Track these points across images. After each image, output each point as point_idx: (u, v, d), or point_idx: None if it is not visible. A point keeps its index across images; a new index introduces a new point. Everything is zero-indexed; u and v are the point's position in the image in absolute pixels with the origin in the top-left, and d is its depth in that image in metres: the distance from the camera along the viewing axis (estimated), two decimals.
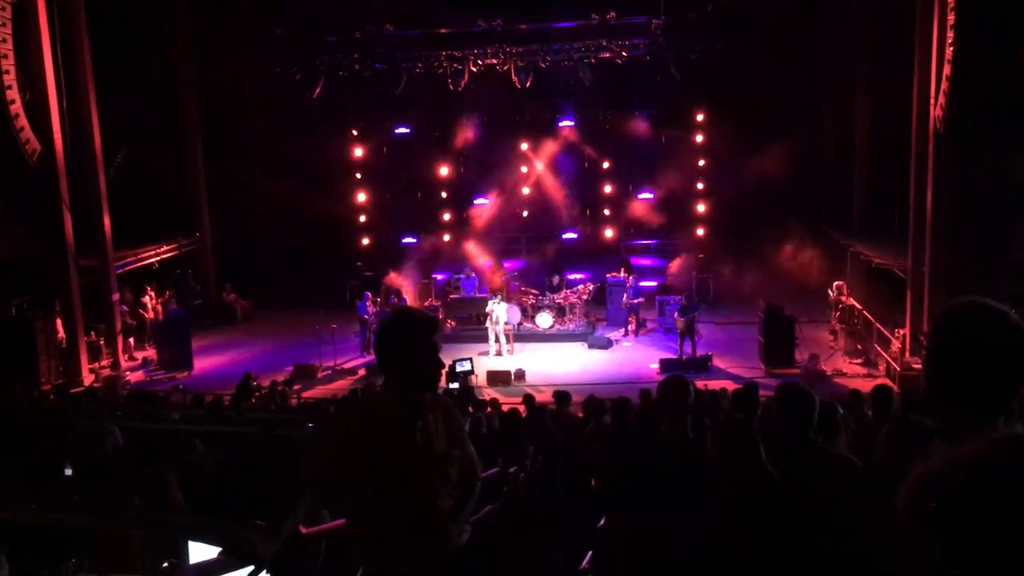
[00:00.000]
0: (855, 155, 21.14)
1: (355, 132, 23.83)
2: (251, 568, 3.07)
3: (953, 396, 1.76)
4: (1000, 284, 12.12)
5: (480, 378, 16.00)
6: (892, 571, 1.16)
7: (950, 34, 13.50)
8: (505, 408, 11.41)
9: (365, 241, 24.06)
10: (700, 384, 12.67)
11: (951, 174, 14.07)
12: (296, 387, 15.81)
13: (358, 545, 3.07)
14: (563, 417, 8.96)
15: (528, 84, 21.29)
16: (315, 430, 6.49)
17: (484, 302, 18.71)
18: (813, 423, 3.84)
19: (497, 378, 16.15)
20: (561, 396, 10.61)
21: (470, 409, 11.23)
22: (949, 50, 13.54)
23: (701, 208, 22.96)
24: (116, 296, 18.36)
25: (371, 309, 18.69)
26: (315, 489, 3.21)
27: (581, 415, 9.71)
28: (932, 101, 14.28)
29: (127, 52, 20.20)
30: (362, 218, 24.10)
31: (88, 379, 16.73)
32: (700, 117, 22.61)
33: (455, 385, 14.42)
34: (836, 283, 17.78)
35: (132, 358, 18.57)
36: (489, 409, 11.34)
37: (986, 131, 13.24)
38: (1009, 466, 1.08)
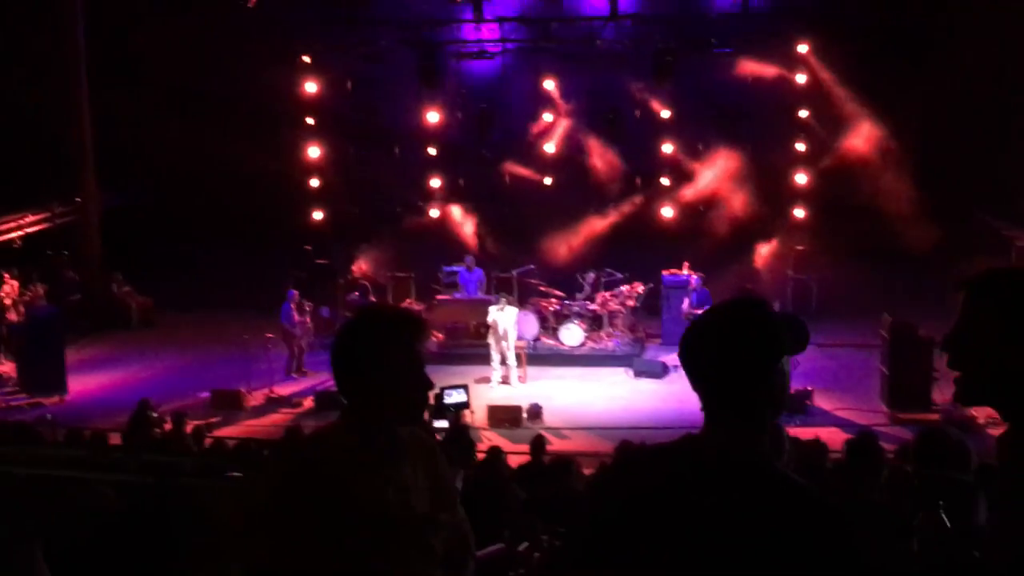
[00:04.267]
0: None
1: (307, 59, 23.81)
2: None
3: None
4: None
5: (478, 415, 16.02)
6: None
7: None
8: (513, 460, 11.38)
9: (318, 215, 24.05)
10: (793, 432, 12.59)
11: None
12: (214, 421, 15.81)
13: None
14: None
15: None
16: (239, 482, 6.48)
17: (486, 307, 18.69)
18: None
19: (502, 416, 16.14)
20: (538, 441, 10.76)
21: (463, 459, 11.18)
22: None
23: (801, 179, 22.85)
24: None
25: (296, 317, 18.71)
26: (238, 567, 3.18)
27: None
28: None
29: None
30: (314, 182, 24.10)
31: None
32: (803, 48, 22.51)
33: (442, 424, 14.40)
34: None
35: None
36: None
37: None
38: None
